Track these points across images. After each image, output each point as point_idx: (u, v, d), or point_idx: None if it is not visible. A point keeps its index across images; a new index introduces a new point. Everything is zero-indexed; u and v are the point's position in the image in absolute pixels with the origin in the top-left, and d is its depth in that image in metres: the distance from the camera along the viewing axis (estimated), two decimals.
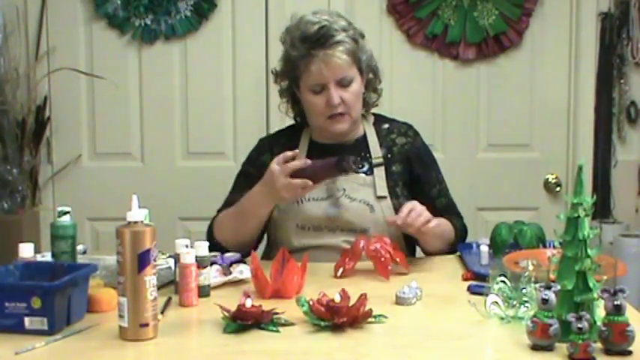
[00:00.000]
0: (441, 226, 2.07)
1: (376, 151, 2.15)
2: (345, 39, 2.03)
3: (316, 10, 2.13)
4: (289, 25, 2.10)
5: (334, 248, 2.04)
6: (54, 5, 2.95)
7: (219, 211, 2.17)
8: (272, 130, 2.64)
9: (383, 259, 1.88)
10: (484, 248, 1.99)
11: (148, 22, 2.94)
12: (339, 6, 2.87)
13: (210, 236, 2.11)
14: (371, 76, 2.16)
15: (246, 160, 2.25)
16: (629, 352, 1.34)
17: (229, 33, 2.99)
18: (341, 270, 1.90)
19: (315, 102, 2.06)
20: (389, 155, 2.16)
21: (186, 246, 1.73)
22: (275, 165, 1.93)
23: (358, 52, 2.07)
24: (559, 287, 1.39)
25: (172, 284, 1.77)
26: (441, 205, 2.20)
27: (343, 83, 2.05)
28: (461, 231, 2.20)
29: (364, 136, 2.17)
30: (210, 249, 1.81)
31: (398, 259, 1.90)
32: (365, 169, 2.11)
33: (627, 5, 2.93)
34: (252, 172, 2.15)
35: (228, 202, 2.14)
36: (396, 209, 2.08)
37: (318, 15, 2.07)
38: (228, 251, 1.98)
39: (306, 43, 2.02)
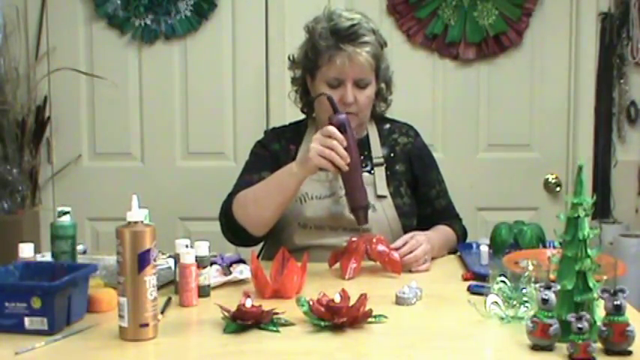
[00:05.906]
0: (445, 235, 2.13)
1: (377, 150, 2.15)
2: (372, 41, 2.05)
3: (349, 8, 2.15)
4: (319, 15, 2.10)
5: (336, 248, 2.03)
6: (54, 5, 2.95)
7: (231, 194, 2.07)
8: None
9: (390, 258, 1.88)
10: (484, 248, 1.99)
11: (148, 22, 2.94)
12: (339, 6, 2.85)
13: (227, 217, 2.03)
14: (383, 85, 2.16)
15: (256, 145, 2.22)
16: (629, 352, 1.34)
17: (229, 33, 2.99)
18: (350, 271, 1.88)
19: None
20: (392, 155, 2.16)
21: (186, 246, 1.73)
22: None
23: (380, 58, 2.09)
24: (559, 287, 1.39)
25: (172, 284, 1.77)
26: (440, 206, 2.21)
27: (360, 84, 2.05)
28: (461, 235, 2.22)
29: (367, 136, 2.17)
30: (227, 234, 1.79)
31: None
32: (368, 167, 2.11)
33: (627, 5, 2.93)
34: (265, 154, 2.15)
35: (246, 182, 2.07)
36: (399, 208, 2.09)
37: (352, 12, 2.09)
38: (244, 234, 1.99)
39: (336, 36, 2.02)
